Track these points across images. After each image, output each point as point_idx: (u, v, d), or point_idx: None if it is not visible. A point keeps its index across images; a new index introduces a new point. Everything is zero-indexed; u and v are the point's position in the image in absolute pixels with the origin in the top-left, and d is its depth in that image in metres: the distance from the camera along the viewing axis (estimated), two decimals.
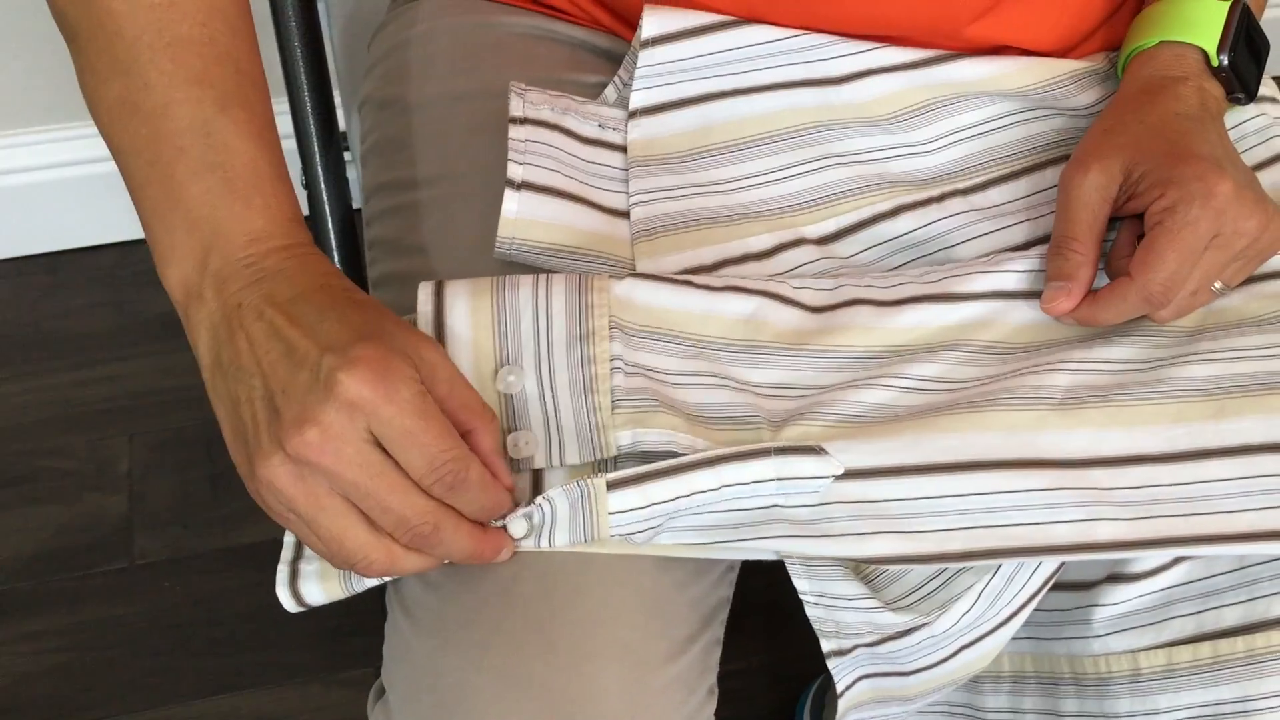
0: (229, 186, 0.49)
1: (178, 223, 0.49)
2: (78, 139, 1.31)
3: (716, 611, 0.56)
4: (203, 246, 0.49)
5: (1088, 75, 0.65)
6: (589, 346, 0.53)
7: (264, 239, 0.49)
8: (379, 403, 0.45)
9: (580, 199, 0.60)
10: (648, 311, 0.55)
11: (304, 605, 0.52)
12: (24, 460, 1.19)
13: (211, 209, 0.49)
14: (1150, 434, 0.53)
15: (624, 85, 0.63)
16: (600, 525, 0.50)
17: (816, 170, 0.62)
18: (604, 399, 0.52)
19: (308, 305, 0.47)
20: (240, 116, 0.51)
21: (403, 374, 0.45)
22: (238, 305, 0.48)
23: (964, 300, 0.57)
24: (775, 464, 0.51)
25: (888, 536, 0.50)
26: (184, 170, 0.49)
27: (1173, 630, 0.55)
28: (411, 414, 0.45)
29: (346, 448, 0.45)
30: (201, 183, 0.49)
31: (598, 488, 0.50)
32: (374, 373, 0.44)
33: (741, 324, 0.56)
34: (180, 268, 0.49)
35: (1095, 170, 0.57)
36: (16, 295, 1.34)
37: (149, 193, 0.50)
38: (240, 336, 0.47)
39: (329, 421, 0.44)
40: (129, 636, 1.07)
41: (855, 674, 0.54)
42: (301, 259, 0.50)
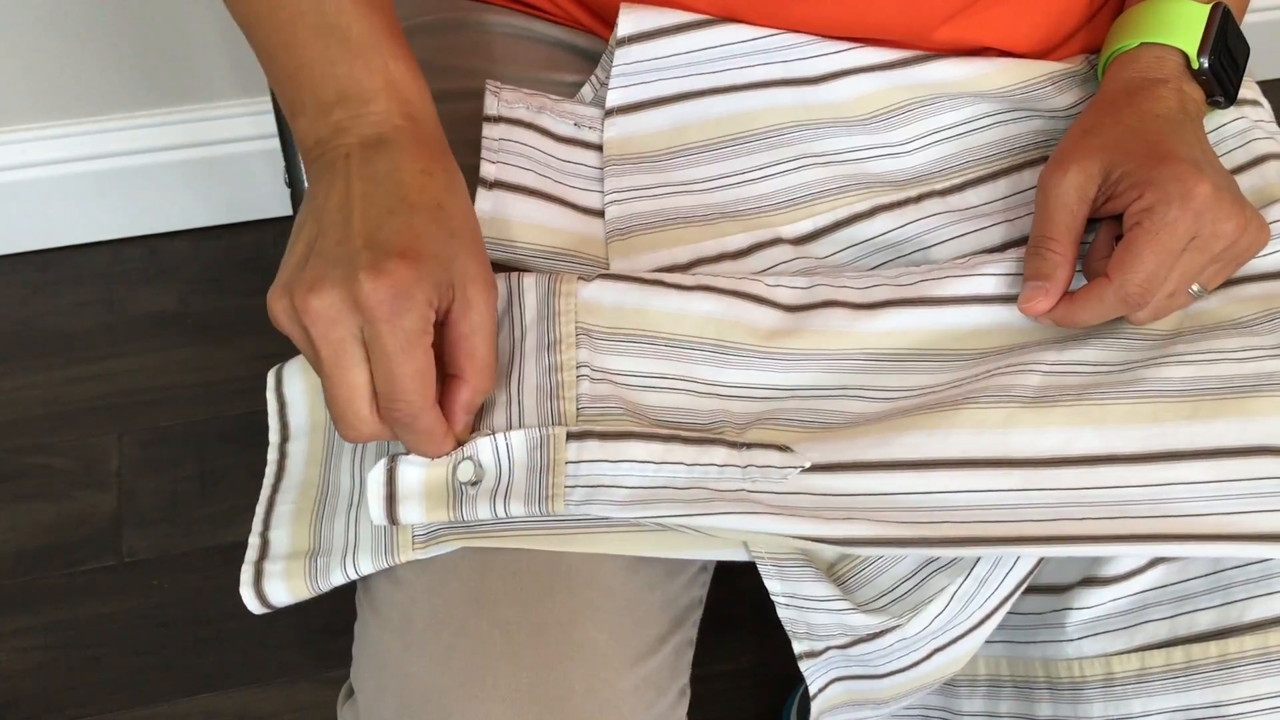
0: (347, 47, 0.52)
1: (305, 80, 0.53)
2: (69, 136, 1.31)
3: (689, 612, 0.55)
4: (328, 99, 0.52)
5: (1067, 77, 0.65)
6: (555, 354, 0.53)
7: (381, 99, 0.52)
8: (380, 318, 0.46)
9: (554, 198, 0.59)
10: (617, 312, 0.55)
11: (269, 606, 0.51)
12: (12, 458, 1.19)
13: (333, 66, 0.52)
14: (1123, 435, 0.53)
15: (600, 84, 0.63)
16: (555, 475, 0.50)
17: (793, 170, 0.62)
18: (569, 405, 0.52)
19: (390, 195, 0.49)
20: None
21: (416, 303, 0.47)
22: (346, 156, 0.51)
23: (940, 305, 0.57)
24: (741, 454, 0.51)
25: (857, 522, 0.50)
26: (304, 33, 0.53)
27: (1146, 635, 0.54)
28: (401, 342, 0.47)
29: (334, 330, 0.47)
30: (321, 42, 0.52)
31: (556, 435, 0.50)
32: (390, 291, 0.46)
33: (713, 323, 0.55)
34: (308, 118, 0.53)
35: (1074, 171, 0.57)
36: (6, 292, 1.33)
37: (278, 57, 0.54)
38: (329, 181, 0.50)
39: (329, 302, 0.47)
40: (116, 634, 1.07)
41: (828, 676, 0.54)
42: (416, 132, 0.52)
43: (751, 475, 0.51)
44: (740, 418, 0.54)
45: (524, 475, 0.50)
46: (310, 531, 0.53)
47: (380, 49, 0.53)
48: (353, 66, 0.52)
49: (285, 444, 0.57)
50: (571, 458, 0.50)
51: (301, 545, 0.53)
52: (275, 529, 0.54)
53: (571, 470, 0.50)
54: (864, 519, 0.50)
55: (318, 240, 0.49)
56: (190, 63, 1.30)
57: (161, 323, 1.31)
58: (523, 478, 0.50)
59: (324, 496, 0.55)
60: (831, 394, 0.55)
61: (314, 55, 0.53)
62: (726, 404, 0.54)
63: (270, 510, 0.54)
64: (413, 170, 0.50)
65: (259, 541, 0.53)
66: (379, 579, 0.53)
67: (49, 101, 1.29)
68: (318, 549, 0.52)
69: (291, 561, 0.52)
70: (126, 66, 1.29)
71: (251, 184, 1.37)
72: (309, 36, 0.53)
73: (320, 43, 0.52)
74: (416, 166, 0.50)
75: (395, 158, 0.50)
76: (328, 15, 0.52)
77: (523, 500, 0.50)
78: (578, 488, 0.50)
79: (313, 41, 0.52)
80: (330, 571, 0.51)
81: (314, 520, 0.54)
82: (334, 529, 0.53)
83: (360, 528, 0.53)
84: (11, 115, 1.29)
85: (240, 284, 1.35)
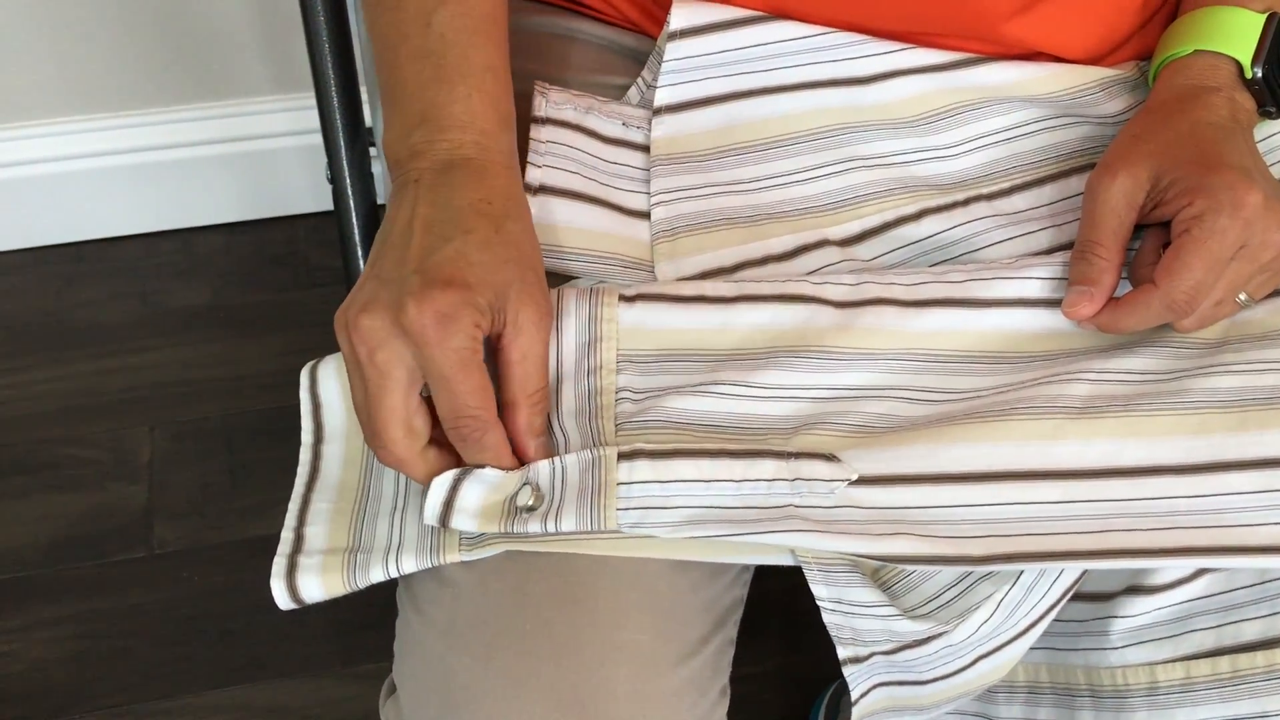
0: (439, 73, 0.55)
1: (396, 99, 0.56)
2: (105, 130, 1.32)
3: (730, 613, 0.55)
4: (412, 120, 0.55)
5: (1117, 83, 0.65)
6: (597, 379, 0.54)
7: (458, 128, 0.54)
8: (430, 341, 0.48)
9: (599, 200, 0.60)
10: (661, 334, 0.55)
11: (298, 601, 0.51)
12: (45, 448, 1.20)
13: (421, 90, 0.55)
14: (1170, 446, 0.52)
15: (648, 86, 0.63)
16: (608, 498, 0.50)
17: (841, 172, 0.62)
18: (608, 424, 0.53)
19: (451, 221, 0.51)
20: (457, 10, 0.56)
21: (463, 325, 0.49)
22: (415, 180, 0.53)
23: (986, 306, 0.57)
24: (789, 466, 0.51)
25: (906, 537, 0.50)
26: (405, 54, 0.56)
27: (1192, 644, 0.54)
28: (454, 363, 0.48)
29: (380, 352, 0.49)
30: (415, 67, 0.55)
31: (608, 456, 0.50)
32: (436, 316, 0.48)
33: (760, 332, 0.56)
34: (392, 135, 0.55)
35: (1123, 176, 0.56)
36: (41, 284, 1.34)
37: (381, 74, 0.57)
38: (398, 206, 0.53)
39: (378, 326, 0.49)
40: (145, 625, 1.08)
41: (871, 681, 0.53)
42: (482, 159, 0.54)
43: (799, 489, 0.51)
44: (786, 422, 0.54)
45: (574, 496, 0.50)
46: (350, 531, 0.53)
47: (467, 78, 0.55)
48: (437, 93, 0.54)
49: (319, 445, 0.57)
50: (623, 479, 0.50)
51: (340, 542, 0.52)
52: (311, 525, 0.53)
53: (624, 492, 0.50)
54: (910, 534, 0.50)
55: (378, 262, 0.51)
56: (226, 58, 1.30)
57: (193, 316, 1.32)
58: (574, 499, 0.50)
59: (364, 501, 0.55)
60: (877, 395, 0.55)
61: (408, 77, 0.55)
62: (772, 406, 0.54)
63: (305, 508, 0.54)
64: (473, 199, 0.52)
65: (292, 536, 0.52)
66: (422, 577, 0.53)
67: (86, 95, 1.30)
68: (357, 547, 0.52)
69: (329, 556, 0.51)
70: (164, 61, 1.29)
71: (285, 180, 1.37)
72: (408, 59, 0.55)
73: (415, 66, 0.55)
74: (477, 195, 0.52)
75: (459, 186, 0.53)
76: (429, 41, 0.55)
77: (574, 519, 0.50)
78: (631, 509, 0.50)
79: (409, 64, 0.55)
80: (370, 568, 0.51)
81: (353, 521, 0.54)
82: (376, 529, 0.53)
83: (406, 529, 0.52)
84: (48, 108, 1.30)
85: (272, 279, 1.36)
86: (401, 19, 0.56)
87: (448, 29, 0.55)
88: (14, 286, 1.34)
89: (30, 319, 1.31)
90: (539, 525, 0.50)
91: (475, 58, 0.55)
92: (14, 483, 1.17)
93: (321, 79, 0.78)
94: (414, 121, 0.54)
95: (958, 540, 0.50)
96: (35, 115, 1.30)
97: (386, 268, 0.50)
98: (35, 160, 1.32)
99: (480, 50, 0.56)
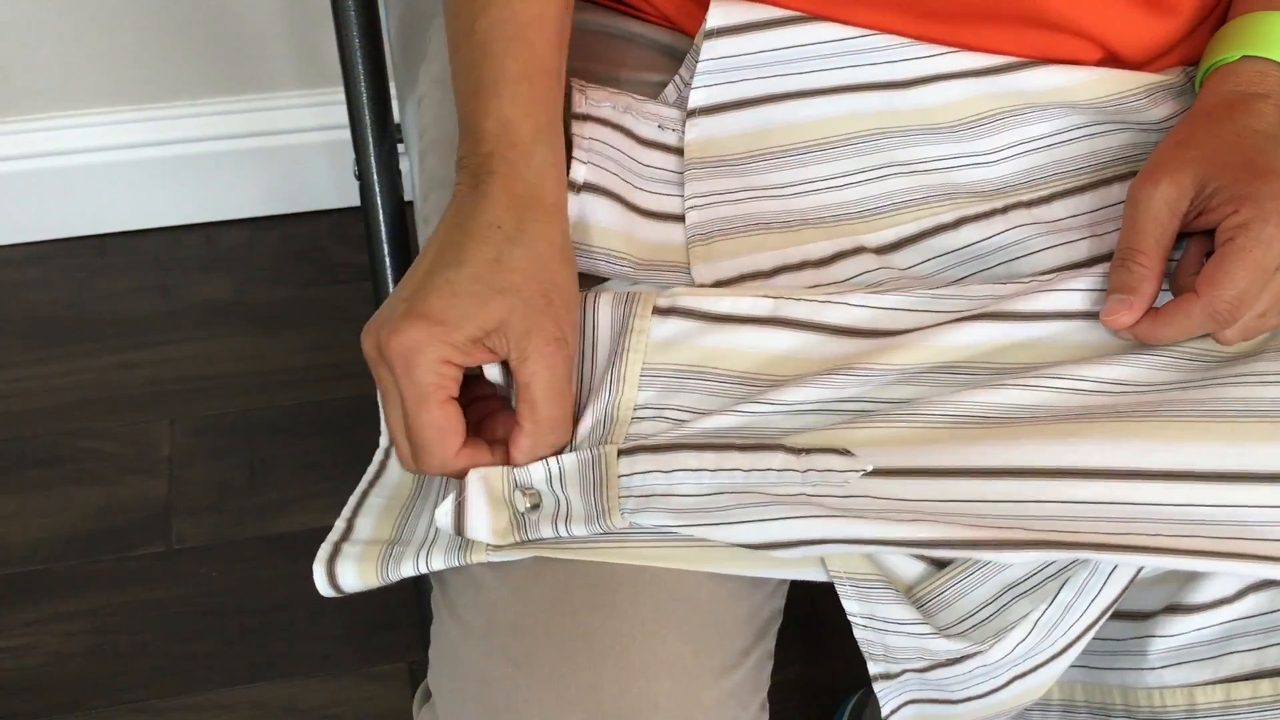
0: (476, 87, 0.55)
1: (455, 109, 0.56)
2: (131, 122, 1.32)
3: (769, 625, 0.55)
4: (460, 135, 0.55)
5: (1162, 89, 0.64)
6: (617, 392, 0.53)
7: (492, 140, 0.54)
8: (397, 372, 0.50)
9: (633, 205, 0.59)
10: (689, 350, 0.55)
11: (336, 589, 0.51)
12: (65, 441, 1.20)
13: (465, 102, 0.55)
14: (1199, 451, 0.51)
15: (685, 84, 0.62)
16: (610, 488, 0.49)
17: (878, 178, 0.61)
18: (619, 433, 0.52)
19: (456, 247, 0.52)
20: (497, 17, 0.55)
21: (425, 360, 0.49)
22: (454, 197, 0.54)
23: (1024, 320, 0.56)
24: (800, 459, 0.50)
25: (925, 523, 0.49)
26: (457, 65, 0.57)
27: (1232, 666, 0.53)
28: (412, 397, 0.50)
29: (380, 369, 0.51)
30: (462, 78, 0.56)
31: (607, 453, 0.50)
32: (401, 349, 0.49)
33: (791, 362, 0.55)
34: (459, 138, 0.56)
35: (1166, 183, 0.55)
36: (64, 276, 1.34)
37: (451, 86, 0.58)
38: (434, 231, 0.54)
39: (370, 345, 0.51)
40: (164, 621, 1.08)
41: (902, 698, 0.53)
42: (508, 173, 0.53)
43: (811, 479, 0.50)
44: (803, 428, 0.53)
45: (578, 495, 0.50)
46: (395, 524, 0.53)
47: (500, 91, 0.54)
48: (475, 106, 0.54)
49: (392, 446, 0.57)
50: (624, 471, 0.50)
51: (384, 534, 0.53)
52: (363, 516, 0.54)
53: (624, 483, 0.50)
54: (931, 520, 0.49)
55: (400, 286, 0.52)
56: (254, 52, 1.30)
57: (216, 311, 1.32)
58: (578, 497, 0.50)
59: (416, 496, 0.55)
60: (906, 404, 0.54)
61: (459, 89, 0.56)
62: (790, 418, 0.53)
63: (362, 500, 0.55)
64: (483, 223, 0.52)
65: (344, 525, 0.53)
66: (459, 583, 0.53)
67: (113, 87, 1.30)
68: (398, 540, 0.52)
69: (369, 546, 0.52)
70: (191, 54, 1.29)
71: (310, 175, 1.37)
72: (459, 71, 0.56)
73: (461, 78, 0.56)
74: (487, 219, 0.52)
75: (478, 206, 0.52)
76: (472, 52, 0.55)
77: (583, 520, 0.50)
78: (630, 498, 0.50)
79: (460, 76, 0.56)
80: (402, 562, 0.51)
81: (401, 515, 0.54)
82: (417, 524, 0.53)
83: None
84: (75, 100, 1.30)
85: (295, 275, 1.35)
86: (456, 28, 0.56)
87: (488, 37, 0.55)
88: (38, 277, 1.34)
89: (53, 310, 1.31)
90: (550, 528, 0.50)
91: (512, 67, 0.54)
92: (34, 475, 1.17)
93: (350, 74, 0.77)
94: (461, 134, 0.55)
95: (980, 529, 0.49)
96: (62, 107, 1.30)
97: (401, 287, 0.52)
98: (61, 152, 1.32)
99: (518, 58, 0.55)
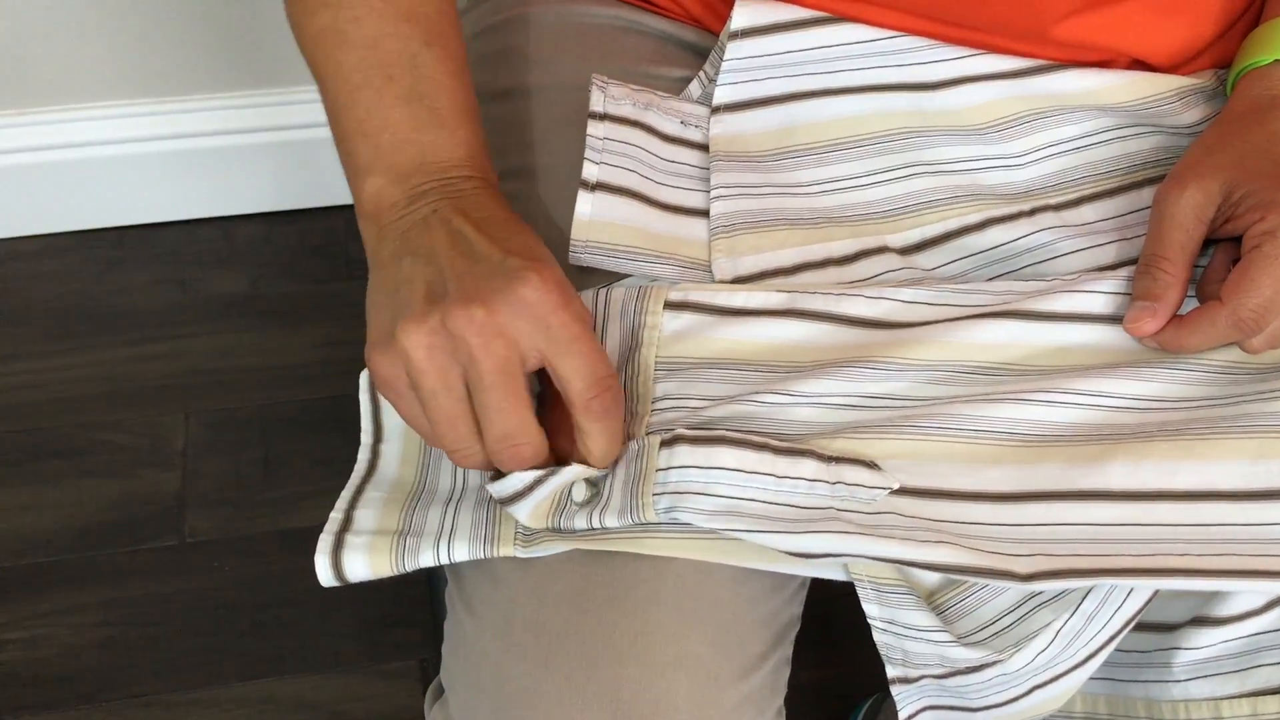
0: (435, 116, 0.53)
1: (384, 142, 0.53)
2: (149, 115, 1.32)
3: (788, 629, 0.54)
4: (407, 165, 0.52)
5: (1194, 92, 0.63)
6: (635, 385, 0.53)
7: (463, 166, 0.53)
8: (555, 306, 0.47)
9: (655, 201, 0.58)
10: (703, 344, 0.54)
11: (342, 580, 0.50)
12: (80, 433, 1.20)
13: (418, 133, 0.53)
14: (1226, 470, 0.50)
15: (709, 80, 0.62)
16: (646, 483, 0.49)
17: (903, 178, 0.60)
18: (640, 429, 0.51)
19: (498, 224, 0.51)
20: (441, 54, 0.54)
21: (576, 293, 0.48)
22: (433, 211, 0.51)
23: (1045, 320, 0.55)
24: (830, 469, 0.50)
25: (950, 546, 0.48)
26: (392, 96, 0.53)
27: (1259, 679, 0.52)
28: (582, 326, 0.48)
29: (498, 341, 0.47)
30: (408, 109, 0.53)
31: (651, 443, 0.49)
32: (555, 279, 0.47)
33: (805, 349, 0.54)
34: (383, 178, 0.52)
35: (1193, 188, 0.54)
36: (81, 269, 1.34)
37: (353, 113, 0.54)
38: (431, 234, 0.50)
39: (497, 308, 0.47)
40: (175, 614, 1.07)
41: (920, 704, 0.52)
42: (492, 192, 0.53)
43: (840, 493, 0.50)
44: (827, 427, 0.52)
45: (620, 487, 0.50)
46: (400, 517, 0.52)
47: (464, 122, 0.54)
48: (438, 135, 0.53)
49: (378, 444, 0.56)
50: (662, 464, 0.49)
51: (390, 525, 0.52)
52: (362, 509, 0.53)
53: (660, 478, 0.49)
54: (955, 544, 0.48)
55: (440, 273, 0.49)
56: (271, 46, 1.30)
57: (232, 305, 1.31)
58: (619, 489, 0.50)
59: (419, 493, 0.54)
60: (922, 404, 0.53)
61: (398, 120, 0.53)
62: (813, 412, 0.52)
63: (358, 494, 0.54)
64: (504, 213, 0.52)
65: (341, 517, 0.52)
66: (476, 578, 0.52)
67: (130, 79, 1.30)
68: (408, 530, 0.51)
69: (378, 537, 0.51)
70: (208, 48, 1.29)
71: (328, 170, 1.37)
72: (397, 102, 0.53)
73: (407, 109, 0.53)
74: (505, 212, 0.52)
75: (486, 205, 0.52)
76: (419, 83, 0.53)
77: (616, 513, 0.49)
78: (665, 494, 0.49)
79: (399, 108, 0.53)
80: (421, 552, 0.50)
81: (405, 508, 0.53)
82: (427, 516, 0.52)
83: (460, 516, 0.52)
84: (94, 93, 1.30)
85: (311, 269, 1.35)
86: (382, 59, 0.54)
87: (437, 72, 0.54)
88: (56, 269, 1.34)
89: (71, 302, 1.31)
90: (584, 520, 0.49)
91: (465, 101, 0.55)
92: (48, 466, 1.17)
93: None
94: (411, 166, 0.52)
95: (1004, 556, 0.48)
96: (81, 99, 1.30)
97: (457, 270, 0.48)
98: (80, 144, 1.32)
99: (467, 94, 0.55)
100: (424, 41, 0.54)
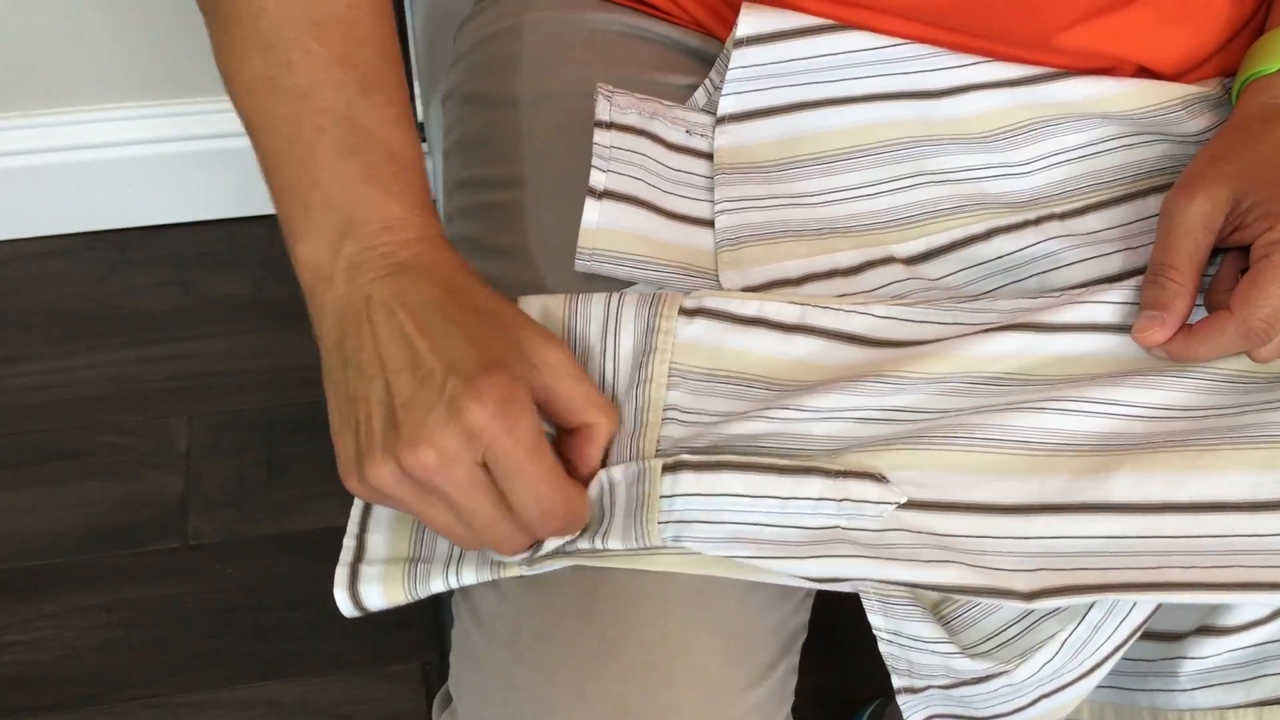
0: (368, 172, 0.49)
1: (314, 202, 0.49)
2: (153, 117, 1.32)
3: (795, 638, 0.54)
4: (338, 228, 0.49)
5: (1200, 100, 0.63)
6: (645, 392, 0.53)
7: (399, 227, 0.49)
8: (498, 434, 0.45)
9: (662, 209, 0.58)
10: (716, 353, 0.54)
11: (362, 609, 0.50)
12: (83, 435, 1.20)
13: (350, 191, 0.49)
14: (1233, 481, 0.50)
15: (714, 88, 0.62)
16: (650, 510, 0.49)
17: (909, 188, 0.60)
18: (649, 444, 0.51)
19: (437, 314, 0.47)
20: (381, 101, 0.50)
21: (524, 406, 0.45)
22: (367, 298, 0.47)
23: (1053, 331, 0.55)
24: (837, 485, 0.50)
25: (955, 566, 0.48)
26: (324, 151, 0.49)
27: (1265, 688, 0.52)
28: (526, 451, 0.45)
29: (458, 469, 0.45)
30: (341, 164, 0.49)
31: (653, 468, 0.49)
32: (496, 404, 0.44)
33: (815, 368, 0.54)
34: (312, 246, 0.49)
35: (1201, 197, 0.54)
36: (85, 270, 1.34)
37: (285, 170, 0.50)
38: (366, 331, 0.47)
39: (445, 445, 0.44)
40: (179, 617, 1.07)
41: (925, 713, 0.52)
42: (434, 253, 0.49)
43: (846, 510, 0.50)
44: (834, 442, 0.52)
45: (621, 511, 0.50)
46: (410, 539, 0.52)
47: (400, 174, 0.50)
48: (370, 192, 0.49)
49: None
50: (665, 491, 0.49)
51: (401, 551, 0.52)
52: (373, 532, 0.52)
53: (665, 505, 0.49)
54: (960, 563, 0.49)
55: (388, 394, 0.46)
56: None
57: (236, 307, 1.31)
58: (621, 514, 0.50)
59: None
60: (933, 417, 0.53)
61: (331, 177, 0.49)
62: (820, 426, 0.52)
63: (367, 513, 0.53)
64: (445, 289, 0.48)
65: (354, 544, 0.51)
66: (483, 590, 0.52)
67: (134, 82, 1.30)
68: (418, 556, 0.51)
69: (390, 566, 0.51)
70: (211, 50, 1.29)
71: None
72: (329, 157, 0.49)
73: (339, 165, 0.49)
74: (446, 284, 0.48)
75: (425, 280, 0.48)
76: (352, 135, 0.49)
77: (619, 537, 0.49)
78: (670, 523, 0.49)
79: (330, 164, 0.49)
80: (431, 579, 0.50)
81: (414, 529, 0.53)
82: (437, 539, 0.52)
83: None
84: (100, 94, 1.30)
85: None
86: (315, 109, 0.49)
87: (372, 120, 0.50)
88: (60, 271, 1.34)
89: (74, 304, 1.31)
90: (588, 542, 0.49)
91: (404, 151, 0.50)
92: (52, 468, 1.17)
93: None
94: (339, 230, 0.48)
95: (1007, 574, 0.48)
96: (86, 101, 1.30)
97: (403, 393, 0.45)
98: (85, 146, 1.32)
99: (405, 142, 0.51)
100: (360, 89, 0.50)
